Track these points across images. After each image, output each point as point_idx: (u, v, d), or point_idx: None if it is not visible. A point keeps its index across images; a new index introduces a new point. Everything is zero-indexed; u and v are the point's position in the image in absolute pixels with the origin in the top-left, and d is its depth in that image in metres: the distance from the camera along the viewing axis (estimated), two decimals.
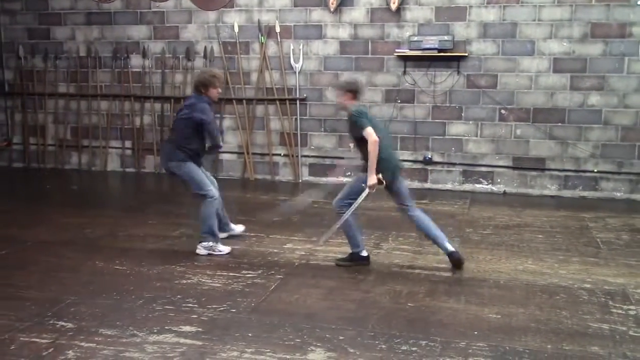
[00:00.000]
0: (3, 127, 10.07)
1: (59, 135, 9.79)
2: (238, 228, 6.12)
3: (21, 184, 9.11)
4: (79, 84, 9.59)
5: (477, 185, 8.33)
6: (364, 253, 5.28)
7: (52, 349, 3.67)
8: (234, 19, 8.85)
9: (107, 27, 9.38)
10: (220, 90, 5.72)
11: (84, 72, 9.51)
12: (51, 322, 4.04)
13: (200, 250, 5.53)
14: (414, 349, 3.71)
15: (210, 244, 5.53)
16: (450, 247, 5.13)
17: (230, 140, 9.09)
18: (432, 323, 4.09)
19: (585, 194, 8.03)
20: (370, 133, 4.86)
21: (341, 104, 5.24)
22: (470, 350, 3.69)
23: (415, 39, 8.15)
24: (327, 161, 8.80)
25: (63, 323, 4.02)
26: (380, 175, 5.00)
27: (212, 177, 5.85)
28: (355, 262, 5.24)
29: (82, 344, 3.73)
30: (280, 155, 8.99)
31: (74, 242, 5.91)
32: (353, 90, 5.15)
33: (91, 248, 5.72)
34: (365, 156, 5.03)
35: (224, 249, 5.58)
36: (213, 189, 5.60)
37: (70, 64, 9.58)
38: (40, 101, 9.76)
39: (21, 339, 3.80)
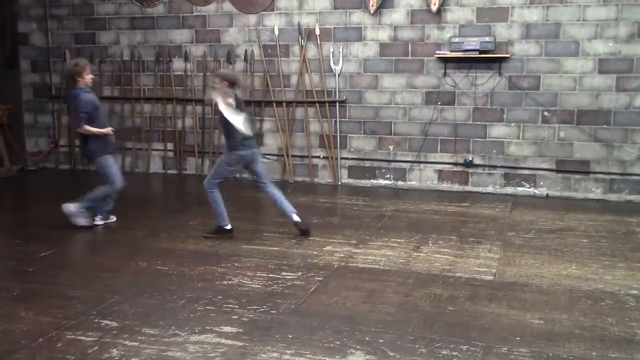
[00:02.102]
0: (50, 129, 10.34)
1: None
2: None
3: (67, 186, 9.33)
4: (122, 87, 9.77)
5: (519, 189, 8.20)
6: (228, 226, 6.08)
7: (97, 347, 3.74)
8: (274, 22, 8.91)
9: (150, 31, 9.55)
10: (92, 75, 6.41)
11: (127, 76, 9.70)
12: (96, 320, 4.13)
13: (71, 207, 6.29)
14: (454, 353, 3.67)
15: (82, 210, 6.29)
16: (296, 218, 6.08)
17: (270, 142, 9.16)
18: (473, 328, 4.04)
19: (632, 197, 7.83)
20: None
21: (219, 91, 5.88)
22: (512, 356, 3.64)
23: (456, 40, 8.08)
24: (367, 164, 8.78)
25: (107, 322, 4.10)
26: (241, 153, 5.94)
27: None
28: (220, 234, 6.01)
29: (126, 342, 3.80)
30: (319, 157, 9.01)
31: (118, 243, 6.03)
32: (231, 81, 5.93)
33: (134, 248, 5.83)
34: (227, 137, 5.96)
35: (83, 221, 6.29)
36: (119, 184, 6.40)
37: (115, 68, 9.78)
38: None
39: (67, 336, 3.88)
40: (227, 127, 5.86)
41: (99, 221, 6.53)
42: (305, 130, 8.99)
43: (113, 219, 6.72)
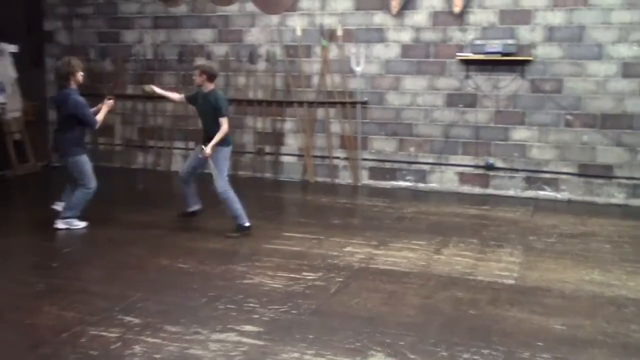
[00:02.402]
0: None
1: (126, 136, 10.10)
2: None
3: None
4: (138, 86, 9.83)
5: (541, 192, 8.14)
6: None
7: (120, 343, 3.79)
8: (297, 22, 8.93)
9: (173, 30, 9.63)
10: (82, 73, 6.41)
11: (150, 75, 9.77)
12: (119, 317, 4.18)
13: (60, 224, 6.29)
14: (475, 357, 3.66)
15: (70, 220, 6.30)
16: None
17: (291, 142, 9.18)
18: (495, 332, 4.03)
19: None
20: (226, 122, 6.12)
21: (199, 84, 6.20)
22: None
23: (479, 42, 8.04)
24: (387, 165, 8.77)
25: (130, 318, 4.15)
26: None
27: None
28: (242, 232, 6.11)
29: (148, 339, 3.84)
30: (340, 158, 9.02)
31: (140, 240, 6.08)
32: (210, 74, 6.14)
33: (156, 246, 5.88)
34: (210, 130, 6.17)
35: (81, 223, 6.33)
36: (94, 184, 6.42)
37: (138, 67, 9.86)
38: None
39: (91, 332, 3.94)
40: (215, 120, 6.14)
41: (57, 207, 6.50)
42: (326, 131, 9.00)
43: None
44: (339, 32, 8.70)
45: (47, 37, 10.35)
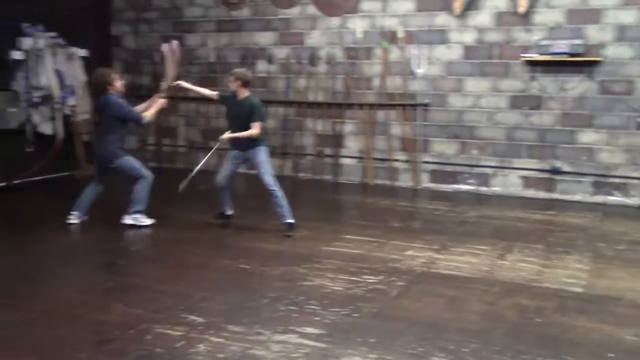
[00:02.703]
0: (139, 129, 10.70)
1: (189, 137, 10.30)
2: None
3: (153, 183, 9.64)
4: (209, 89, 10.00)
5: (610, 198, 7.86)
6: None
7: (184, 341, 3.85)
8: (358, 24, 8.92)
9: (235, 34, 9.76)
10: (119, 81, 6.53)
11: (213, 77, 9.93)
12: (183, 315, 4.24)
13: (127, 220, 6.45)
14: None
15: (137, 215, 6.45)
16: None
17: (351, 145, 9.17)
18: (563, 341, 3.90)
19: None
20: (259, 127, 6.20)
21: (234, 89, 6.32)
22: None
23: (545, 43, 7.84)
24: (449, 168, 8.65)
25: (194, 317, 4.21)
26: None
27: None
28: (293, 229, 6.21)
29: (212, 338, 3.89)
30: (400, 161, 8.94)
31: (202, 240, 6.18)
32: (244, 80, 6.25)
33: (218, 246, 5.97)
34: (239, 131, 6.28)
35: (147, 220, 6.46)
36: (148, 172, 6.58)
37: (202, 70, 10.04)
38: (173, 104, 10.29)
39: (156, 329, 4.01)
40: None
41: (74, 220, 6.62)
42: (387, 133, 8.94)
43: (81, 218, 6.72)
44: (400, 34, 8.63)
45: (114, 41, 10.66)
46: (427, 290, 4.80)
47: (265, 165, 6.30)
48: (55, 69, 8.83)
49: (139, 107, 6.64)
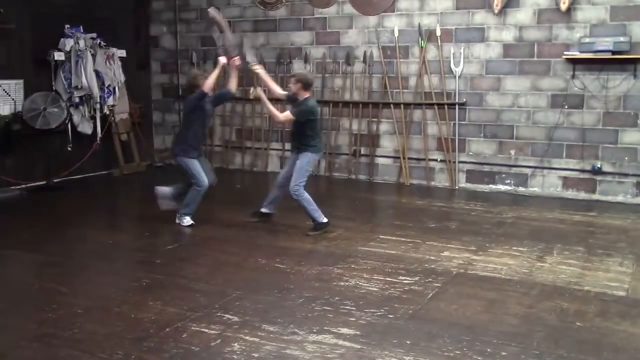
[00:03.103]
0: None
1: (225, 137, 10.37)
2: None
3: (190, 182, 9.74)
4: (244, 88, 10.04)
5: None
6: (325, 219, 6.31)
7: (219, 340, 3.86)
8: (394, 23, 8.85)
9: (272, 33, 9.78)
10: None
11: (249, 77, 9.95)
12: (218, 314, 4.26)
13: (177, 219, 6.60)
14: None
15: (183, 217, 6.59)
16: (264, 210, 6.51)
17: (387, 144, 9.11)
18: (604, 346, 3.80)
19: None
20: (287, 117, 6.31)
21: (294, 91, 6.30)
22: None
23: (587, 40, 7.66)
24: (486, 168, 8.52)
25: (229, 316, 4.22)
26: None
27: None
28: (321, 229, 6.24)
29: (247, 337, 3.89)
30: (436, 160, 8.85)
31: (238, 239, 6.21)
32: (305, 83, 6.23)
33: (253, 245, 5.98)
34: (299, 136, 6.30)
35: (187, 222, 6.56)
36: (204, 182, 6.53)
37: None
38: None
39: (192, 328, 4.04)
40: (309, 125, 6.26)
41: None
42: (423, 133, 8.86)
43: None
44: (438, 32, 8.54)
45: (153, 41, 10.79)
46: (464, 292, 4.73)
47: (299, 171, 6.26)
48: (94, 69, 8.97)
49: (210, 79, 6.52)
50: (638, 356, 3.66)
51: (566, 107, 7.96)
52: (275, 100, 7.22)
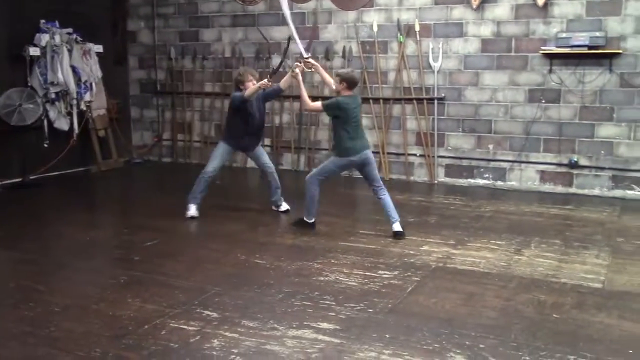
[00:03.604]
0: (154, 124, 10.76)
1: (204, 132, 10.31)
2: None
3: (169, 178, 9.70)
4: (223, 84, 10.02)
5: (629, 192, 7.75)
6: (312, 220, 6.24)
7: (198, 336, 3.84)
8: (373, 18, 8.86)
9: (250, 28, 9.74)
10: (254, 81, 6.52)
11: (228, 72, 9.92)
12: (198, 310, 4.24)
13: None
14: None
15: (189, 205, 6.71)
16: (396, 228, 5.98)
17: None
18: (581, 337, 3.85)
19: None
20: (317, 106, 6.22)
21: (338, 90, 6.03)
22: None
23: (564, 35, 7.73)
24: (465, 162, 8.58)
25: (208, 312, 4.20)
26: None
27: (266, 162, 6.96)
28: (302, 226, 6.24)
29: (226, 333, 3.88)
30: (416, 155, 8.88)
31: (218, 235, 6.18)
32: (349, 82, 5.93)
33: (233, 241, 5.96)
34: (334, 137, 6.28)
35: (191, 211, 6.68)
36: (210, 169, 6.69)
37: (216, 64, 10.04)
38: (188, 100, 10.32)
39: (171, 324, 4.01)
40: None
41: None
42: (402, 128, 8.89)
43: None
44: (417, 27, 8.56)
45: (130, 36, 10.69)
46: (442, 285, 4.76)
47: (321, 167, 6.29)
48: (71, 65, 8.86)
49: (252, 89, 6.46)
50: (614, 347, 3.71)
51: (543, 101, 8.04)
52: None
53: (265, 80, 6.35)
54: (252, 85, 6.44)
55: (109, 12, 10.26)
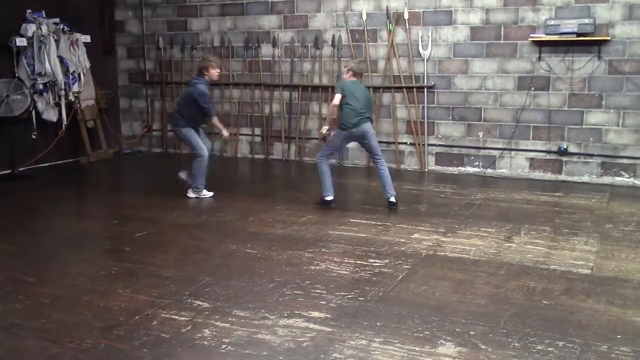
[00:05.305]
0: (144, 114, 10.71)
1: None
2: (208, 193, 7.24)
3: (159, 168, 9.66)
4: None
5: (617, 178, 7.81)
6: (329, 197, 6.63)
7: (190, 326, 3.85)
8: (363, 6, 8.83)
9: (239, 17, 9.69)
10: (219, 70, 6.99)
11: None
12: (189, 300, 4.24)
13: (190, 194, 7.09)
14: (550, 349, 3.53)
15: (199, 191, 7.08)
16: (392, 199, 6.59)
17: None
18: (570, 323, 3.88)
19: None
20: (336, 99, 6.47)
21: (347, 78, 6.60)
22: (613, 355, 3.46)
23: (552, 22, 7.75)
24: (455, 150, 8.60)
25: (200, 302, 4.20)
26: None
27: (207, 141, 7.24)
28: (322, 205, 6.62)
29: (217, 323, 3.88)
30: (406, 143, 8.89)
31: (208, 225, 6.18)
32: (354, 72, 6.61)
33: (224, 231, 5.95)
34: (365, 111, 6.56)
35: (208, 193, 7.11)
36: (204, 151, 6.92)
37: (205, 54, 9.98)
38: (177, 90, 10.27)
39: (162, 315, 4.01)
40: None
41: (192, 194, 7.14)
42: (392, 116, 8.89)
43: (207, 194, 7.19)
44: (406, 15, 8.55)
45: (118, 26, 10.61)
46: (433, 273, 4.78)
47: (327, 144, 6.88)
48: (58, 55, 8.79)
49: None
50: (602, 332, 3.75)
51: (532, 89, 8.06)
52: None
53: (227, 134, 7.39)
54: (214, 74, 6.89)
55: (96, 2, 10.17)
